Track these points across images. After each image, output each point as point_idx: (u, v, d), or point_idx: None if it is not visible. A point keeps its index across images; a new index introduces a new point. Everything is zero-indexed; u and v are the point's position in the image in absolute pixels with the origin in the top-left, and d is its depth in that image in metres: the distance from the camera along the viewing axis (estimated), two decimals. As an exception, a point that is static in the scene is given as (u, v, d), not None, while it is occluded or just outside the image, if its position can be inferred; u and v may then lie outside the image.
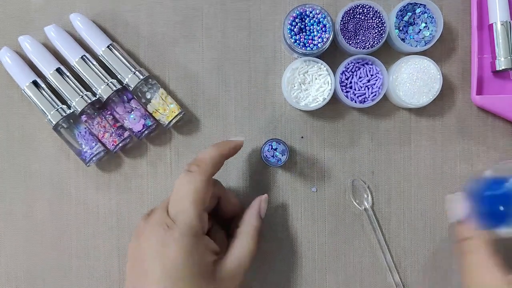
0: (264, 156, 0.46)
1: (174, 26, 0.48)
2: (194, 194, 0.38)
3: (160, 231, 0.37)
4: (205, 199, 0.39)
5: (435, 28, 0.46)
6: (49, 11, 0.48)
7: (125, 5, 0.48)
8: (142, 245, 0.38)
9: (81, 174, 0.48)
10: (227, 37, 0.48)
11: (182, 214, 0.38)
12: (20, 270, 0.48)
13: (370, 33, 0.45)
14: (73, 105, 0.45)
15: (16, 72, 0.46)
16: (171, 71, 0.48)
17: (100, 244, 0.48)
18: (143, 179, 0.48)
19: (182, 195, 0.38)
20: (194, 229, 0.38)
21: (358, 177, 0.48)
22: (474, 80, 0.47)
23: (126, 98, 0.46)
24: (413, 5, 0.46)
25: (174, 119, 0.46)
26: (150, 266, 0.37)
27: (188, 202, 0.38)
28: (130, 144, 0.48)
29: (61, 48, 0.46)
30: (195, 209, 0.38)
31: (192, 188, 0.38)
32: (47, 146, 0.48)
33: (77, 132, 0.46)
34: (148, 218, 0.39)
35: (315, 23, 0.45)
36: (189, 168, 0.40)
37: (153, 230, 0.38)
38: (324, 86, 0.45)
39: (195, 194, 0.38)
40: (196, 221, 0.38)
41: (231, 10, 0.48)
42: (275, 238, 0.48)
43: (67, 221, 0.48)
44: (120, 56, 0.46)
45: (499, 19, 0.45)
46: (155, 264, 0.37)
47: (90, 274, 0.48)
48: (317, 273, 0.48)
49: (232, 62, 0.48)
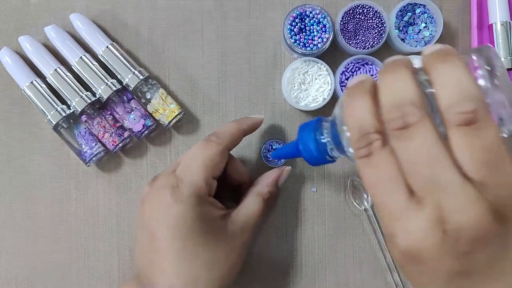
0: (264, 156, 0.46)
1: (174, 26, 0.48)
2: (208, 160, 0.39)
3: (166, 192, 0.38)
4: (217, 168, 0.40)
5: (435, 28, 0.46)
6: (49, 11, 0.48)
7: (125, 5, 0.48)
8: (148, 208, 0.39)
9: (81, 174, 0.48)
10: (227, 37, 0.48)
11: (191, 175, 0.39)
12: (20, 270, 0.48)
13: (370, 33, 0.45)
14: (73, 105, 0.45)
15: (16, 72, 0.46)
16: (171, 71, 0.48)
17: (100, 244, 0.48)
18: (143, 179, 0.48)
19: (195, 159, 0.39)
20: (201, 190, 0.38)
21: (358, 177, 0.48)
22: (474, 80, 0.47)
23: (126, 98, 0.46)
24: (413, 5, 0.46)
25: (174, 119, 0.46)
26: (157, 227, 0.38)
27: (199, 165, 0.39)
28: (130, 144, 0.48)
29: (61, 48, 0.46)
30: (205, 172, 0.39)
31: (207, 155, 0.39)
32: (47, 146, 0.48)
33: (77, 132, 0.46)
34: (153, 183, 0.40)
35: (315, 23, 0.45)
36: (208, 138, 0.41)
37: (159, 193, 0.38)
38: (324, 86, 0.45)
39: (208, 160, 0.39)
40: (203, 183, 0.39)
41: (231, 10, 0.48)
42: (275, 238, 0.48)
43: (67, 221, 0.48)
44: (120, 56, 0.46)
45: (499, 19, 0.45)
46: (163, 225, 0.37)
47: (90, 274, 0.48)
48: (317, 272, 0.48)
49: (232, 62, 0.48)
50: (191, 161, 0.39)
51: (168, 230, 0.37)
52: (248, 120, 0.44)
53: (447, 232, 0.26)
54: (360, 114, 0.28)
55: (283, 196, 0.48)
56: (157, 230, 0.38)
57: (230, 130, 0.42)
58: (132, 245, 0.48)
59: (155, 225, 0.38)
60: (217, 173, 0.40)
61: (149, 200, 0.39)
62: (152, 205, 0.39)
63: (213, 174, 0.40)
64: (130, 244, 0.48)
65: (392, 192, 0.28)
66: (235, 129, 0.42)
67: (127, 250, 0.48)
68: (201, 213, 0.38)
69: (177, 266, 0.37)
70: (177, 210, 0.37)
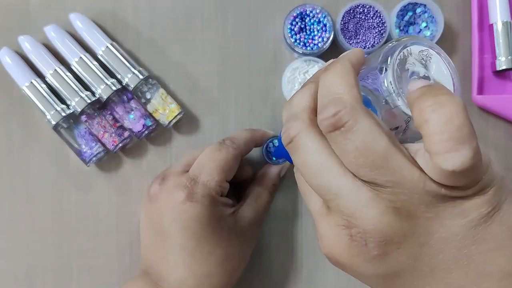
0: (265, 154, 0.46)
1: (174, 26, 0.48)
2: (224, 162, 0.40)
3: (180, 192, 0.38)
4: (231, 171, 0.41)
5: (436, 28, 0.46)
6: (49, 11, 0.48)
7: (125, 5, 0.48)
8: (160, 208, 0.39)
9: (81, 174, 0.48)
10: (227, 37, 0.48)
11: (206, 176, 0.39)
12: (20, 270, 0.48)
13: (370, 33, 0.45)
14: (73, 105, 0.45)
15: (16, 72, 0.45)
16: (171, 71, 0.48)
17: (100, 244, 0.48)
18: (143, 179, 0.48)
19: (210, 160, 0.40)
20: (215, 191, 0.39)
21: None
22: (475, 80, 0.46)
23: (126, 98, 0.46)
24: (413, 4, 0.46)
25: (174, 119, 0.46)
26: (171, 226, 0.38)
27: (214, 168, 0.39)
28: (130, 144, 0.48)
29: (61, 48, 0.46)
30: (220, 175, 0.39)
31: (223, 158, 0.40)
32: (47, 146, 0.48)
33: (77, 132, 0.46)
34: (163, 182, 0.40)
35: (316, 22, 0.45)
36: (222, 142, 0.41)
37: (173, 192, 0.39)
38: (324, 86, 0.45)
39: (224, 163, 0.40)
40: (217, 185, 0.39)
41: (231, 9, 0.48)
42: (275, 237, 0.48)
43: (67, 221, 0.48)
44: (120, 56, 0.46)
45: (499, 19, 0.45)
46: (177, 225, 0.38)
47: (90, 274, 0.48)
48: (318, 271, 0.48)
49: (232, 62, 0.48)
50: (206, 162, 0.40)
51: (183, 230, 0.38)
52: (262, 131, 0.45)
53: (353, 237, 0.26)
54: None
55: (283, 196, 0.48)
56: (171, 229, 0.38)
57: (244, 136, 0.43)
58: (132, 244, 0.48)
59: (168, 224, 0.38)
60: (230, 176, 0.41)
61: (161, 199, 0.39)
62: (164, 204, 0.39)
63: (227, 177, 0.40)
64: (130, 244, 0.48)
65: (310, 197, 0.29)
66: (249, 137, 0.43)
67: (127, 250, 0.48)
68: (214, 212, 0.39)
69: (191, 263, 0.38)
70: (191, 210, 0.38)
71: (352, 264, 0.27)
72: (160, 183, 0.40)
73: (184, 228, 0.38)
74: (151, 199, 0.40)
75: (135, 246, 0.47)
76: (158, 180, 0.41)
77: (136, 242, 0.47)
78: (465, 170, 0.23)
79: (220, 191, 0.40)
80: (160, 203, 0.39)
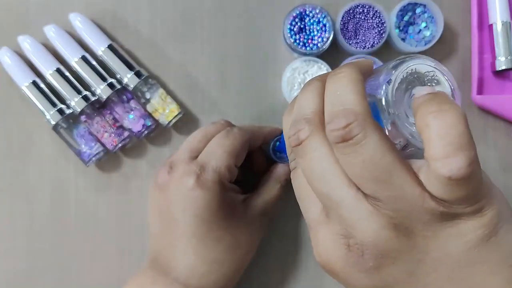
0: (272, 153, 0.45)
1: (174, 26, 0.48)
2: (231, 147, 0.40)
3: (189, 180, 0.38)
4: (240, 157, 0.41)
5: (436, 28, 0.46)
6: (49, 11, 0.48)
7: (125, 5, 0.48)
8: (170, 196, 0.39)
9: (80, 174, 0.48)
10: (226, 37, 0.48)
11: (215, 162, 0.39)
12: (20, 270, 0.48)
13: (370, 33, 0.45)
14: (73, 105, 0.45)
15: (16, 72, 0.45)
16: (171, 71, 0.48)
17: (100, 244, 0.48)
18: (143, 179, 0.48)
19: (218, 146, 0.40)
20: (225, 176, 0.39)
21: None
22: (475, 80, 0.47)
23: (126, 98, 0.46)
24: (413, 5, 0.46)
25: (174, 119, 0.46)
26: (181, 214, 0.38)
27: (223, 153, 0.40)
28: (130, 144, 0.48)
29: (61, 48, 0.46)
30: (228, 160, 0.39)
31: (231, 143, 0.40)
32: (47, 146, 0.48)
33: (77, 132, 0.46)
34: (172, 170, 0.40)
35: (315, 22, 0.45)
36: (230, 129, 0.41)
37: (182, 180, 0.39)
38: (324, 86, 0.45)
39: (231, 148, 0.40)
40: (226, 170, 0.39)
41: (230, 9, 0.48)
42: (276, 237, 0.48)
43: (67, 221, 0.48)
44: (120, 56, 0.46)
45: (499, 19, 0.45)
46: (188, 212, 0.38)
47: (90, 274, 0.48)
48: (318, 271, 0.48)
49: (232, 62, 0.48)
50: (214, 149, 0.40)
51: (194, 217, 0.38)
52: (269, 127, 0.45)
53: (350, 247, 0.26)
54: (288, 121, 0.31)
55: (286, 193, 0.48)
56: (181, 217, 0.38)
57: (251, 127, 0.44)
58: (132, 244, 0.48)
59: (179, 212, 0.39)
60: (239, 162, 0.41)
61: (171, 187, 0.39)
62: (174, 192, 0.39)
63: (236, 162, 0.41)
64: (130, 243, 0.48)
65: (309, 202, 0.29)
66: (256, 128, 0.44)
67: (127, 249, 0.48)
68: (224, 198, 0.39)
69: (201, 250, 0.39)
70: (202, 197, 0.38)
71: (346, 273, 0.27)
72: (169, 171, 0.40)
73: (196, 216, 0.38)
74: (160, 188, 0.40)
75: (135, 246, 0.47)
76: (166, 168, 0.40)
77: (136, 242, 0.47)
78: (462, 179, 0.23)
79: (229, 177, 0.40)
80: (170, 192, 0.39)
